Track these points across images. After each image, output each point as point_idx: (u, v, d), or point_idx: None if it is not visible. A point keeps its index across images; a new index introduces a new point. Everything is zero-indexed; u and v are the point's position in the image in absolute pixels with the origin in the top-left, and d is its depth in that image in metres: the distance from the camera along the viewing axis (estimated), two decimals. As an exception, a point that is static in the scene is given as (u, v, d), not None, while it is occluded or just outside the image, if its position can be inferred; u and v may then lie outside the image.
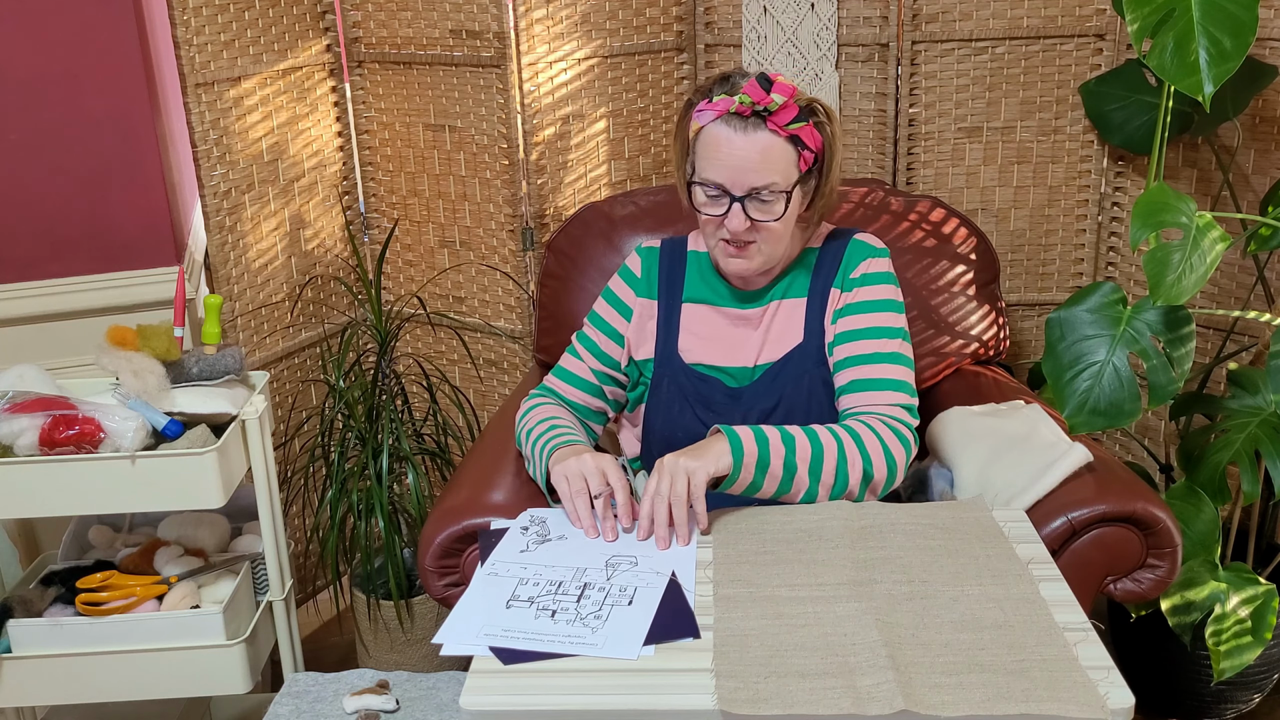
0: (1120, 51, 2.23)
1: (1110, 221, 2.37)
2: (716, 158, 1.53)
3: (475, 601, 1.28)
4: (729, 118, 1.52)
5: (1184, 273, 1.72)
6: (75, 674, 1.80)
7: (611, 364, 1.75)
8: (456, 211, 2.44)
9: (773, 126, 1.52)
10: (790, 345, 1.66)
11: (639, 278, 1.75)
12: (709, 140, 1.54)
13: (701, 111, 1.55)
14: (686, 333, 1.71)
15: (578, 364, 1.77)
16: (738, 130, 1.52)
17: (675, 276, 1.73)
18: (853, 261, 1.67)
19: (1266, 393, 1.93)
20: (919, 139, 2.38)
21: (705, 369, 1.68)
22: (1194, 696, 2.16)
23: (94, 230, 2.13)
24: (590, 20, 2.33)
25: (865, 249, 1.68)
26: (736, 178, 1.52)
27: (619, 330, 1.74)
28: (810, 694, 1.10)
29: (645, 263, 1.75)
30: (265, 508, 1.88)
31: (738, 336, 1.69)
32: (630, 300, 1.75)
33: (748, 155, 1.52)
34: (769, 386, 1.65)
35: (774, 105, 1.50)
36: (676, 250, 1.76)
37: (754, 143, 1.51)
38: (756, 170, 1.52)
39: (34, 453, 1.69)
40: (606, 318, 1.76)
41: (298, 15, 2.33)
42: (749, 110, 1.51)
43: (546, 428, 1.63)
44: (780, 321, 1.68)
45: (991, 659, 1.14)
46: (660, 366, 1.71)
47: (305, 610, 2.59)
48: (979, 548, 1.36)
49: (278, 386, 2.41)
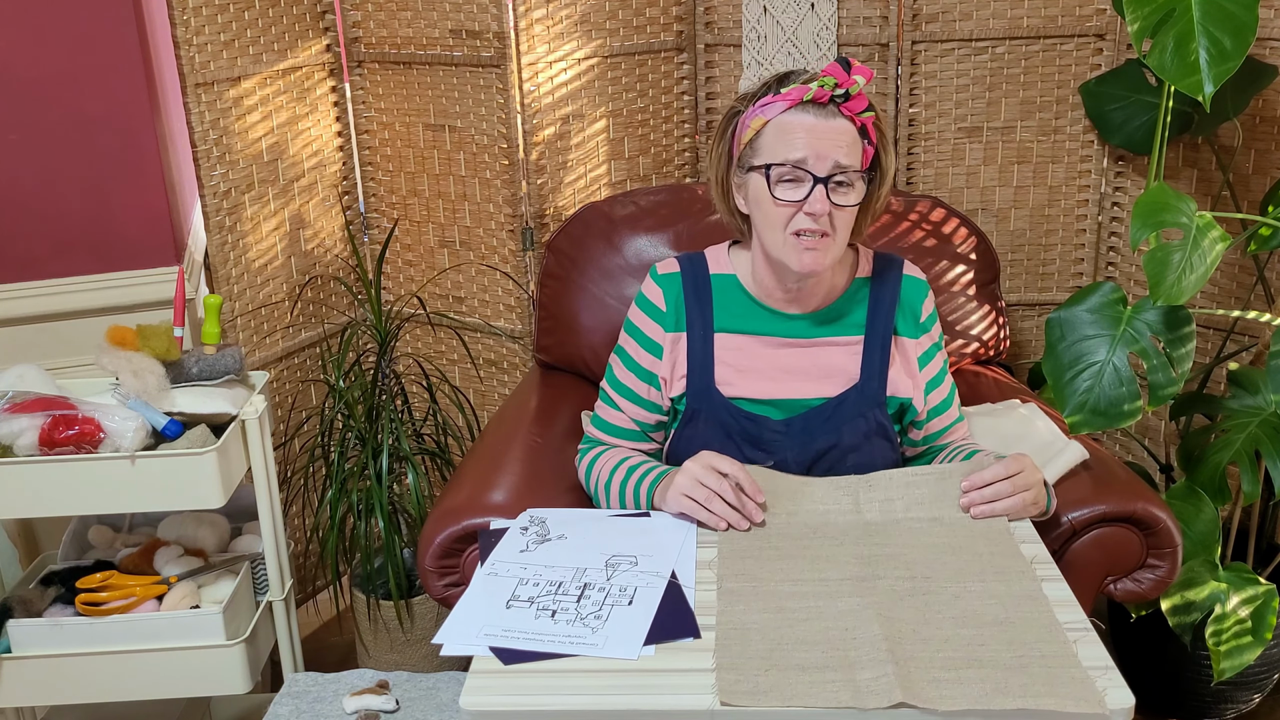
0: (1120, 51, 2.23)
1: (1110, 221, 2.37)
2: (796, 138, 1.47)
3: (475, 602, 1.29)
4: (805, 105, 1.48)
5: (1184, 273, 1.72)
6: (75, 674, 1.80)
7: (653, 409, 1.67)
8: (456, 211, 2.44)
9: (848, 112, 1.49)
10: (845, 383, 1.60)
11: (665, 312, 1.64)
12: (782, 128, 1.49)
13: (767, 105, 1.50)
14: (722, 365, 1.62)
15: (617, 415, 1.68)
16: (817, 116, 1.48)
17: (704, 304, 1.63)
18: (913, 301, 1.64)
19: (1266, 393, 1.93)
20: (919, 139, 2.38)
21: (748, 404, 1.60)
22: (1194, 696, 2.16)
23: (94, 230, 2.13)
24: (590, 20, 2.33)
25: (920, 286, 1.65)
26: (822, 153, 1.46)
27: (654, 372, 1.65)
28: (810, 687, 1.10)
29: (668, 293, 1.64)
30: (265, 508, 1.88)
31: (779, 367, 1.61)
32: (659, 337, 1.64)
33: (830, 136, 1.47)
34: (823, 425, 1.58)
35: (856, 87, 1.47)
36: (699, 274, 1.65)
37: (834, 126, 1.48)
38: (839, 149, 1.47)
39: (34, 453, 1.69)
40: (640, 361, 1.66)
41: (298, 15, 2.33)
42: (828, 96, 1.47)
43: (625, 471, 1.57)
44: (832, 356, 1.61)
45: (991, 655, 1.14)
46: (695, 400, 1.62)
47: (305, 610, 2.59)
48: (983, 545, 1.37)
49: (278, 386, 2.41)
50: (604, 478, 1.60)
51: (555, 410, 1.98)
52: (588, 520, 1.50)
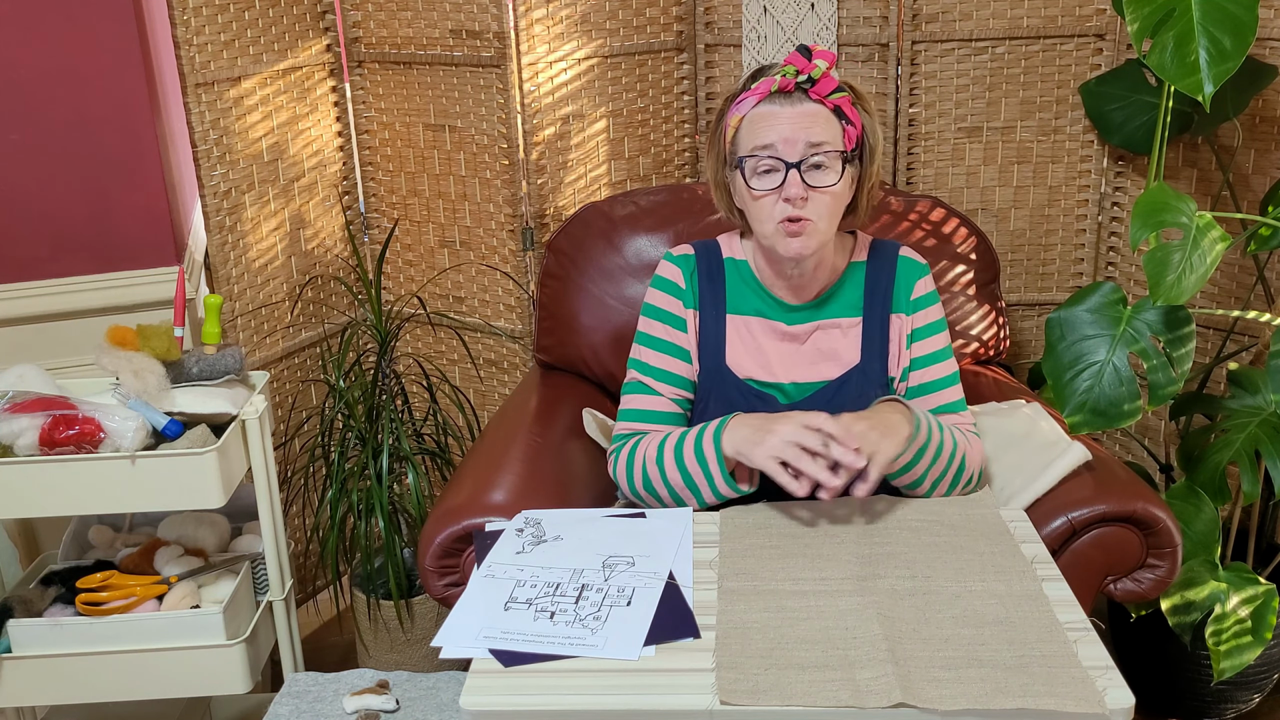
0: (1120, 51, 2.23)
1: (1110, 221, 2.37)
2: (766, 127, 1.51)
3: (473, 604, 1.28)
4: (772, 96, 1.53)
5: (1184, 273, 1.72)
6: (75, 674, 1.80)
7: (688, 386, 1.67)
8: (456, 211, 2.44)
9: (816, 96, 1.52)
10: (846, 365, 1.64)
11: (683, 288, 1.67)
12: (754, 120, 1.53)
13: (740, 102, 1.55)
14: (733, 346, 1.65)
15: (656, 400, 1.65)
16: (783, 104, 1.52)
17: (717, 286, 1.67)
18: (907, 282, 1.65)
19: (1266, 393, 1.93)
20: (919, 139, 2.38)
21: (758, 385, 1.64)
22: (1194, 696, 2.16)
23: (94, 230, 2.13)
24: (590, 20, 2.33)
25: (916, 267, 1.67)
26: (791, 137, 1.50)
27: (684, 347, 1.66)
28: (809, 686, 1.11)
29: (684, 271, 1.67)
30: (265, 508, 1.88)
31: (785, 350, 1.65)
32: (680, 311, 1.66)
33: (798, 121, 1.51)
34: (826, 405, 1.58)
35: (818, 71, 1.50)
36: (713, 257, 1.69)
37: (802, 111, 1.51)
38: (808, 131, 1.50)
39: (34, 453, 1.69)
40: (671, 339, 1.66)
41: (298, 15, 2.33)
42: (792, 84, 1.51)
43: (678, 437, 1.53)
44: (832, 339, 1.65)
45: (991, 654, 1.15)
46: (707, 379, 1.65)
47: (305, 610, 2.59)
48: (984, 544, 1.37)
49: (278, 386, 2.41)
50: (653, 455, 1.55)
51: (555, 410, 1.98)
52: (583, 521, 1.50)
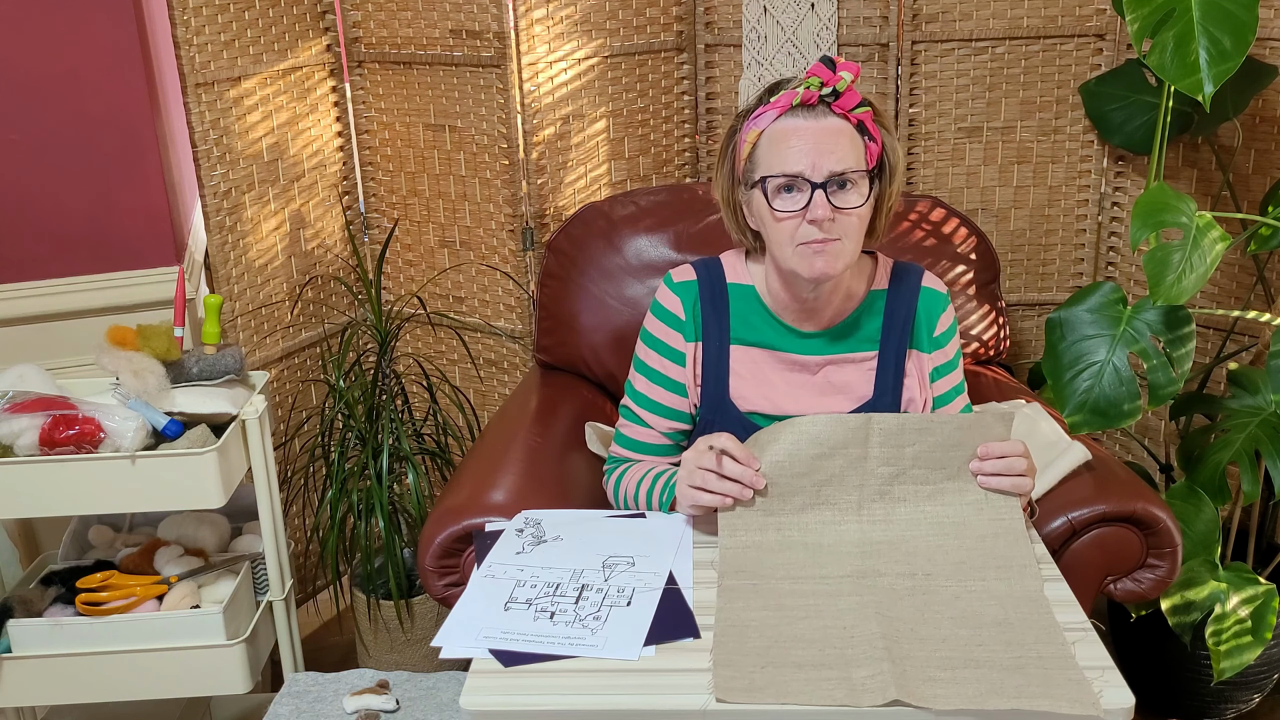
0: (1120, 51, 2.23)
1: (1110, 221, 2.37)
2: (789, 146, 1.44)
3: (473, 604, 1.28)
4: (795, 109, 1.45)
5: (1184, 273, 1.72)
6: (75, 674, 1.80)
7: (684, 418, 1.64)
8: (456, 211, 2.44)
9: (839, 110, 1.45)
10: (858, 399, 1.58)
11: (684, 320, 1.61)
12: (775, 136, 1.46)
13: (759, 116, 1.48)
14: (737, 378, 1.60)
15: (645, 431, 1.64)
16: (806, 119, 1.45)
17: (720, 314, 1.61)
18: (929, 318, 1.60)
19: (1266, 393, 1.93)
20: (919, 139, 2.38)
21: (763, 419, 1.57)
22: (1194, 696, 2.16)
23: (94, 230, 2.13)
24: (590, 20, 2.33)
25: (938, 300, 1.61)
26: (815, 161, 1.43)
27: (679, 380, 1.62)
28: (805, 684, 1.11)
29: (685, 301, 1.61)
30: (265, 508, 1.88)
31: (793, 381, 1.59)
32: (680, 345, 1.61)
33: (822, 139, 1.44)
34: None
35: (843, 84, 1.44)
36: (715, 283, 1.62)
37: (826, 127, 1.44)
38: (834, 153, 1.43)
39: (34, 453, 1.69)
40: (666, 372, 1.62)
41: (298, 15, 2.33)
42: (816, 97, 1.45)
43: (650, 481, 1.55)
44: (845, 372, 1.59)
45: (988, 655, 1.15)
46: (709, 411, 1.60)
47: (305, 610, 2.59)
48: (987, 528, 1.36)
49: (278, 386, 2.41)
50: (630, 492, 1.59)
51: (555, 410, 1.98)
52: (583, 521, 1.50)
